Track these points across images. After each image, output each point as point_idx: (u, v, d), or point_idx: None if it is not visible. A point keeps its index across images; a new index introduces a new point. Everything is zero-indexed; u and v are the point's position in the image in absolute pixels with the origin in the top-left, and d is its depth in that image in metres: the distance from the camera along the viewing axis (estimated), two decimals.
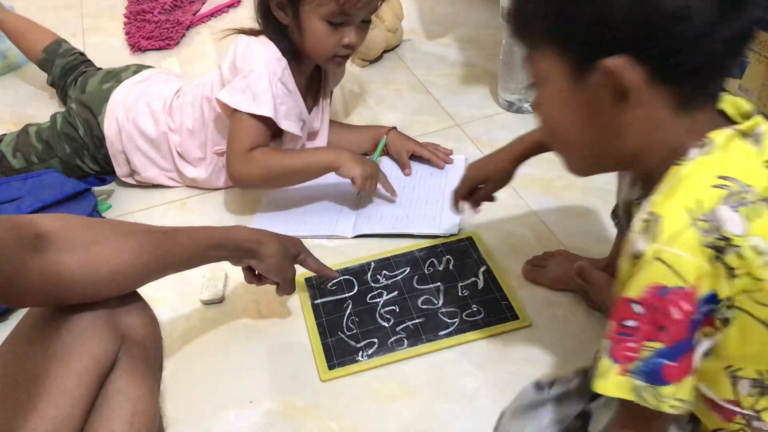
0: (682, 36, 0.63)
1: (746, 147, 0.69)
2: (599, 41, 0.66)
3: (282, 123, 1.30)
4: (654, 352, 0.66)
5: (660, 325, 0.65)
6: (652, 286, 0.65)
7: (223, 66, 1.34)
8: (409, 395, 1.05)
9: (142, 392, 0.81)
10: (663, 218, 0.65)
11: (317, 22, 1.25)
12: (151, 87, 1.47)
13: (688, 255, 0.64)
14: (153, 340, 0.87)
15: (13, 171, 1.44)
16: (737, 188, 0.66)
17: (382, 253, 1.27)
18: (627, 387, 0.67)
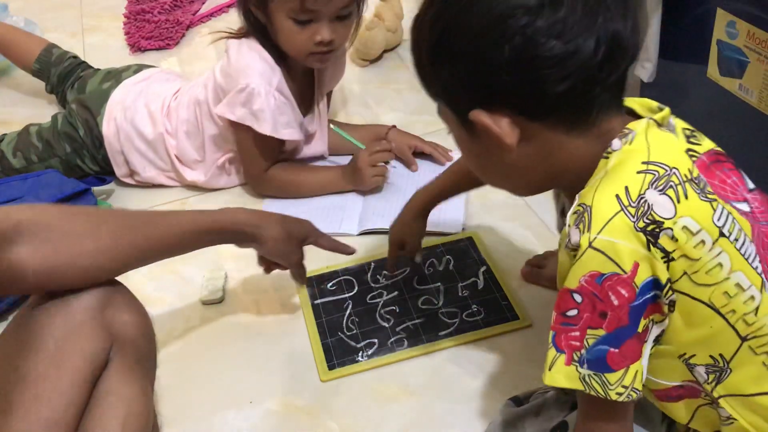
0: (554, 80, 0.65)
1: (664, 134, 0.71)
2: (463, 97, 0.70)
3: (283, 134, 1.31)
4: (597, 340, 0.67)
5: (600, 311, 0.66)
6: (589, 275, 0.66)
7: (217, 71, 1.34)
8: (409, 395, 1.05)
9: (134, 393, 0.80)
10: (593, 207, 0.66)
11: (285, 21, 1.24)
12: (151, 87, 1.47)
13: (621, 241, 0.65)
14: (146, 339, 0.87)
15: (13, 170, 1.44)
16: (663, 171, 0.67)
17: (383, 253, 1.27)
18: (574, 376, 0.68)
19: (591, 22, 0.64)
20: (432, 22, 0.70)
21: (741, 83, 1.23)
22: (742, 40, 1.19)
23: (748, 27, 1.17)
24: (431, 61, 0.72)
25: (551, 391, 0.93)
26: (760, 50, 1.16)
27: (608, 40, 0.65)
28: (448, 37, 0.69)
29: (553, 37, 0.64)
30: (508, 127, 0.68)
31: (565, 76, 0.65)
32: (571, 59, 0.64)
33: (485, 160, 0.76)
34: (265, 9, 1.26)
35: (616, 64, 0.67)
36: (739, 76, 1.23)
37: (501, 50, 0.65)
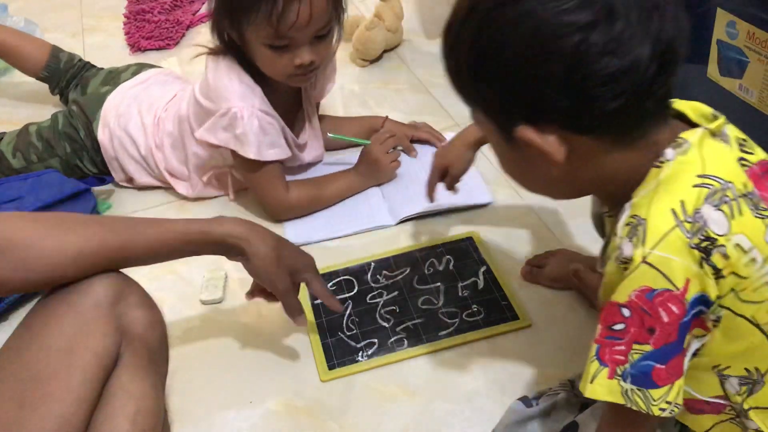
0: (607, 98, 0.63)
1: (719, 145, 0.70)
2: (507, 111, 0.67)
3: (267, 155, 1.28)
4: (643, 355, 0.66)
5: (649, 327, 0.65)
6: (640, 290, 0.65)
7: (196, 89, 1.32)
8: (409, 395, 1.05)
9: (145, 390, 0.80)
10: (648, 221, 0.65)
11: (262, 48, 1.22)
12: (147, 92, 1.45)
13: (675, 257, 0.64)
14: (157, 336, 0.87)
15: (13, 171, 1.44)
16: (718, 186, 0.66)
17: (382, 253, 1.27)
18: (616, 390, 0.67)
19: (645, 32, 0.61)
20: (474, 36, 0.66)
21: (741, 83, 1.23)
22: (742, 40, 1.19)
23: (748, 27, 1.17)
24: (472, 75, 0.68)
25: (562, 393, 0.93)
26: (760, 50, 1.16)
27: (663, 50, 0.62)
28: (492, 54, 0.65)
29: (608, 53, 0.61)
30: (556, 143, 0.66)
31: (619, 93, 0.62)
32: (626, 76, 0.62)
33: (527, 170, 0.73)
34: (240, 35, 1.23)
35: (669, 74, 0.64)
36: (739, 76, 1.23)
37: (551, 68, 0.62)
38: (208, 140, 1.29)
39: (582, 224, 1.29)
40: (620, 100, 0.63)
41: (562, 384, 0.95)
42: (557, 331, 1.11)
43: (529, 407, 0.94)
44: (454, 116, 1.60)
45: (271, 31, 1.18)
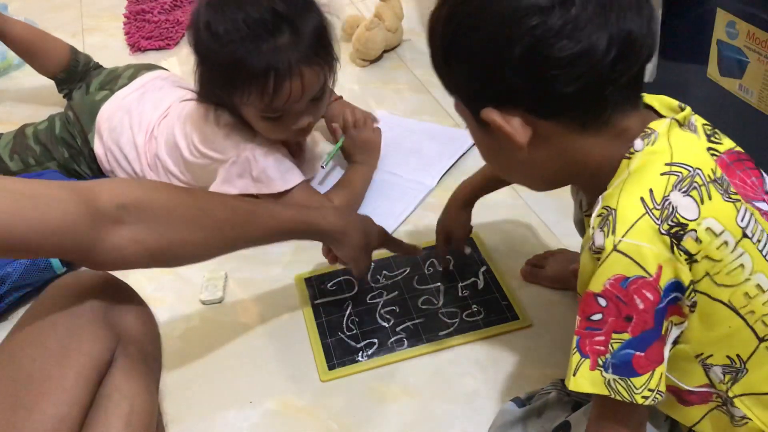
0: (565, 81, 0.65)
1: (686, 134, 0.71)
2: (476, 95, 0.70)
3: (292, 181, 1.27)
4: (622, 344, 0.67)
5: (626, 315, 0.66)
6: (614, 278, 0.65)
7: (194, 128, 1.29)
8: (409, 395, 1.05)
9: (139, 391, 0.81)
10: (617, 210, 0.66)
11: (257, 119, 1.22)
12: (140, 103, 1.42)
13: (646, 244, 0.64)
14: (151, 339, 0.87)
15: (10, 173, 1.43)
16: (686, 172, 0.67)
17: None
18: (599, 381, 0.68)
19: (603, 21, 0.63)
20: (446, 20, 0.70)
21: (741, 83, 1.23)
22: (742, 40, 1.19)
23: (748, 27, 1.17)
24: (445, 58, 0.71)
25: (553, 392, 0.93)
26: (760, 50, 1.16)
27: (621, 39, 0.64)
28: (460, 36, 0.68)
29: (564, 37, 0.63)
30: (519, 125, 0.68)
31: (576, 77, 0.64)
32: (582, 60, 0.64)
33: (499, 156, 0.76)
34: (234, 107, 1.23)
35: (630, 64, 0.66)
36: (739, 76, 1.23)
37: (512, 50, 0.64)
38: (227, 192, 1.27)
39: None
40: (578, 84, 0.64)
41: (553, 383, 0.96)
42: (557, 331, 1.11)
43: (521, 407, 0.94)
44: (454, 116, 1.60)
45: (264, 107, 1.19)
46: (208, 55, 1.18)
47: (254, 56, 1.13)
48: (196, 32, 1.18)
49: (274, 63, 1.13)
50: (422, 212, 1.37)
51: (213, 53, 1.17)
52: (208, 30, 1.16)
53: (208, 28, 1.16)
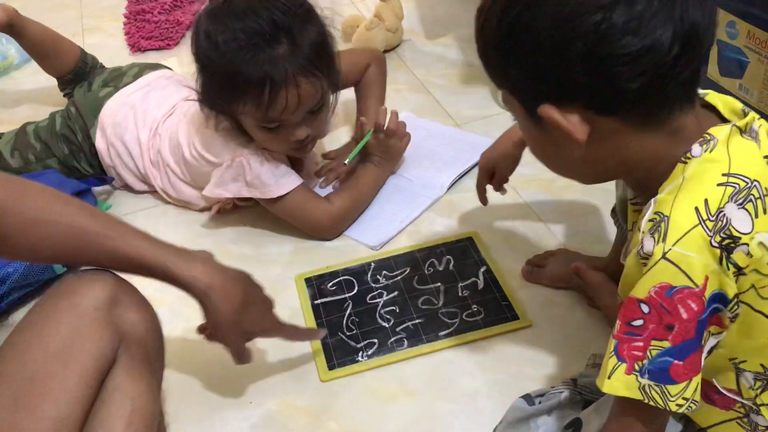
0: (628, 77, 0.63)
1: (747, 143, 0.69)
2: (533, 91, 0.69)
3: (287, 186, 1.26)
4: (661, 351, 0.66)
5: (668, 324, 0.65)
6: (659, 286, 0.65)
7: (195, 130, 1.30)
8: (409, 395, 1.05)
9: (141, 390, 0.80)
10: (670, 218, 0.65)
11: (255, 129, 1.22)
12: (145, 101, 1.43)
13: (695, 255, 0.64)
14: (153, 338, 0.87)
15: (11, 170, 1.43)
16: (743, 184, 0.66)
17: (382, 253, 1.27)
18: (634, 386, 0.67)
19: (668, 15, 0.62)
20: (501, 16, 0.67)
21: (741, 83, 1.23)
22: (742, 40, 1.19)
23: (748, 27, 1.17)
24: (500, 55, 0.69)
25: (565, 392, 0.93)
26: (760, 50, 1.17)
27: (685, 33, 0.63)
28: (518, 32, 0.66)
29: (629, 33, 0.62)
30: (578, 122, 0.66)
31: (640, 73, 0.63)
32: (647, 55, 0.62)
33: (553, 151, 0.74)
34: (232, 117, 1.23)
35: (692, 57, 0.64)
36: (739, 76, 1.23)
37: (574, 47, 0.63)
38: (220, 195, 1.28)
39: (582, 224, 1.29)
40: (641, 80, 0.63)
41: (564, 383, 0.95)
42: (557, 331, 1.11)
43: (531, 405, 0.94)
44: (454, 116, 1.60)
45: (260, 117, 1.19)
46: (208, 63, 1.19)
47: (251, 66, 1.13)
48: (197, 41, 1.19)
49: (270, 73, 1.13)
50: (422, 214, 1.37)
51: (212, 62, 1.18)
52: (208, 39, 1.16)
53: (208, 37, 1.16)
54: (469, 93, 1.67)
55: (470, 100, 1.65)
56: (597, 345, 1.07)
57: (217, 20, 1.17)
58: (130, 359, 0.81)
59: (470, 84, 1.70)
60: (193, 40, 1.21)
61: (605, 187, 1.23)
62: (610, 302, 1.08)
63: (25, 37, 1.59)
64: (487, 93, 1.66)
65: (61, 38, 1.64)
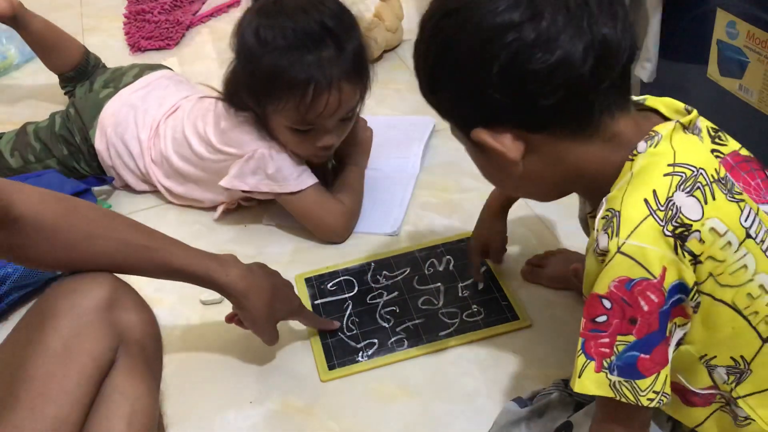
0: (545, 93, 0.66)
1: (690, 137, 0.71)
2: (465, 117, 0.72)
3: (308, 181, 1.27)
4: (627, 346, 0.66)
5: (630, 317, 0.66)
6: (618, 280, 0.65)
7: (208, 127, 1.30)
8: (409, 395, 1.05)
9: (140, 391, 0.81)
10: (621, 212, 0.66)
11: (284, 129, 1.22)
12: (145, 100, 1.43)
13: (650, 246, 0.65)
14: (152, 339, 0.87)
15: (11, 170, 1.43)
16: (689, 173, 0.67)
17: (382, 254, 1.27)
18: (604, 383, 0.68)
19: (576, 29, 0.64)
20: (427, 47, 0.72)
21: (741, 83, 1.23)
22: (742, 40, 1.19)
23: (748, 27, 1.17)
24: (430, 86, 0.73)
25: (555, 393, 0.93)
26: (760, 50, 1.16)
27: (597, 45, 0.64)
28: (442, 60, 0.70)
29: (539, 50, 0.64)
30: (510, 142, 0.69)
31: (556, 87, 0.65)
32: (560, 70, 0.64)
33: (498, 173, 0.77)
34: (263, 114, 1.23)
35: (609, 68, 0.66)
36: (739, 76, 1.23)
37: (491, 68, 0.65)
38: (238, 188, 1.27)
39: None
40: (558, 95, 0.65)
41: (555, 384, 0.96)
42: (557, 331, 1.11)
43: (523, 407, 0.94)
44: None
45: (296, 119, 1.19)
46: (251, 59, 1.18)
47: (297, 66, 1.14)
48: (242, 36, 1.19)
49: (315, 75, 1.14)
50: (422, 212, 1.37)
51: (256, 58, 1.17)
52: (256, 35, 1.17)
53: (256, 34, 1.17)
54: None
55: None
56: None
57: (268, 17, 1.17)
58: (129, 360, 0.81)
59: None
60: (237, 34, 1.21)
61: None
62: None
63: (28, 30, 1.59)
64: None
65: (65, 34, 1.65)
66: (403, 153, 1.49)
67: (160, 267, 0.90)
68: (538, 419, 0.92)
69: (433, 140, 1.53)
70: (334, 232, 1.30)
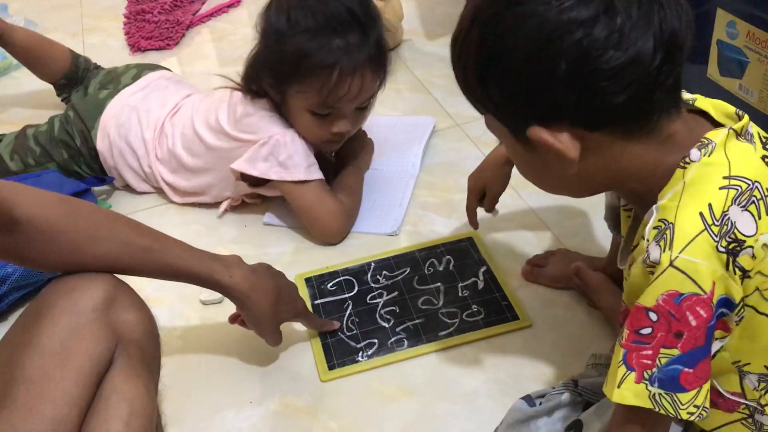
0: (615, 91, 0.63)
1: (743, 145, 0.69)
2: (518, 114, 0.68)
3: (316, 174, 1.29)
4: (671, 359, 0.65)
5: (677, 331, 0.65)
6: (668, 294, 0.64)
7: (221, 116, 1.31)
8: (409, 395, 1.05)
9: (138, 392, 0.80)
10: (676, 225, 0.65)
11: (303, 112, 1.24)
12: (146, 101, 1.44)
13: (703, 261, 0.63)
14: (150, 339, 0.87)
15: (10, 173, 1.43)
16: (745, 186, 0.66)
17: (382, 254, 1.27)
18: (644, 394, 0.67)
19: (647, 25, 0.62)
20: (479, 43, 0.67)
21: (741, 83, 1.23)
22: (742, 40, 1.19)
23: (748, 27, 1.17)
24: (480, 81, 0.69)
25: (565, 392, 0.93)
26: (760, 50, 1.17)
27: (666, 41, 0.62)
28: (498, 58, 0.66)
29: (611, 47, 0.61)
30: (569, 141, 0.66)
31: (626, 85, 0.63)
32: (631, 67, 0.62)
33: (543, 171, 0.74)
34: (282, 97, 1.25)
35: (675, 64, 0.64)
36: (739, 76, 1.23)
37: (557, 67, 0.62)
38: (247, 171, 1.28)
39: (582, 224, 1.29)
40: (628, 93, 0.63)
41: (565, 384, 0.95)
42: (557, 331, 1.11)
43: (532, 406, 0.94)
44: (454, 116, 1.60)
45: (317, 101, 1.21)
46: (279, 39, 1.20)
47: (325, 49, 1.17)
48: (270, 16, 1.22)
49: (341, 59, 1.17)
50: (422, 212, 1.37)
51: (285, 38, 1.19)
52: (286, 16, 1.19)
53: (287, 15, 1.19)
54: None
55: None
56: (597, 345, 1.07)
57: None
58: (127, 360, 0.81)
59: None
60: (265, 15, 1.23)
61: None
62: (610, 302, 1.08)
63: (12, 45, 1.59)
64: None
65: (50, 42, 1.64)
66: (403, 153, 1.49)
67: (163, 268, 0.90)
68: (547, 418, 0.92)
69: (433, 140, 1.54)
70: (331, 231, 1.30)
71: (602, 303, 1.09)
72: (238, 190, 1.36)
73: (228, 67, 1.87)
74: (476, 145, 1.51)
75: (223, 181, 1.36)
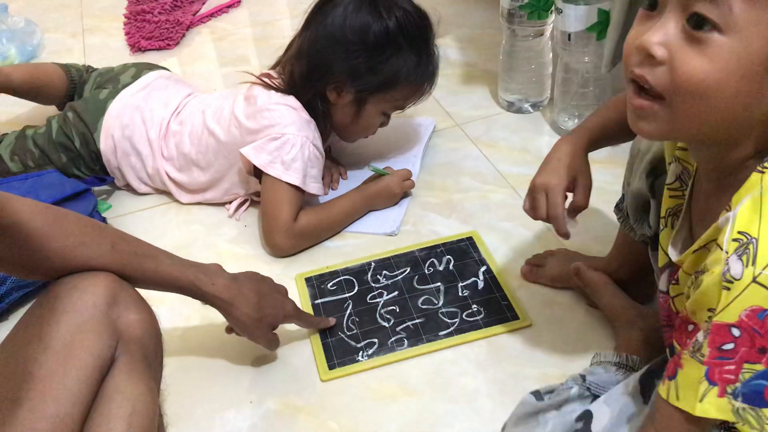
0: None
1: None
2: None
3: (311, 188, 1.30)
4: (754, 374, 0.65)
5: (761, 347, 0.64)
6: (751, 310, 0.64)
7: (240, 114, 1.32)
8: (409, 395, 1.05)
9: (140, 391, 0.80)
10: (759, 240, 0.64)
11: (377, 114, 1.34)
12: (149, 100, 1.44)
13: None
14: (152, 339, 0.87)
15: (11, 174, 1.42)
16: None
17: (382, 253, 1.27)
18: (727, 409, 0.66)
19: None
20: None
21: None
22: None
23: None
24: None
25: (574, 387, 0.93)
26: None
27: None
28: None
29: None
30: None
31: None
32: None
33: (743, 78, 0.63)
34: (358, 103, 1.31)
35: None
36: None
37: None
38: (251, 158, 1.28)
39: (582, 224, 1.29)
40: None
41: (573, 379, 0.95)
42: (557, 331, 1.11)
43: (540, 401, 0.93)
44: (454, 116, 1.60)
45: (398, 105, 1.36)
46: (376, 53, 1.27)
47: (421, 70, 1.32)
48: (367, 25, 1.27)
49: (430, 80, 1.35)
50: (422, 212, 1.37)
51: (384, 56, 1.27)
52: (385, 30, 1.27)
53: (386, 29, 1.27)
54: (469, 93, 1.67)
55: (470, 100, 1.65)
56: (597, 344, 1.07)
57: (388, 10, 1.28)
58: (129, 359, 0.82)
59: (470, 84, 1.70)
60: (359, 21, 1.27)
61: (604, 187, 1.24)
62: (610, 302, 1.08)
63: (13, 89, 1.57)
64: (487, 93, 1.66)
65: (44, 70, 1.61)
66: (403, 153, 1.49)
67: (148, 275, 0.90)
68: (554, 411, 0.92)
69: (432, 140, 1.54)
70: (272, 241, 1.29)
71: (602, 303, 1.10)
72: (248, 186, 1.37)
73: (228, 67, 1.88)
74: (476, 145, 1.51)
75: (233, 176, 1.37)
